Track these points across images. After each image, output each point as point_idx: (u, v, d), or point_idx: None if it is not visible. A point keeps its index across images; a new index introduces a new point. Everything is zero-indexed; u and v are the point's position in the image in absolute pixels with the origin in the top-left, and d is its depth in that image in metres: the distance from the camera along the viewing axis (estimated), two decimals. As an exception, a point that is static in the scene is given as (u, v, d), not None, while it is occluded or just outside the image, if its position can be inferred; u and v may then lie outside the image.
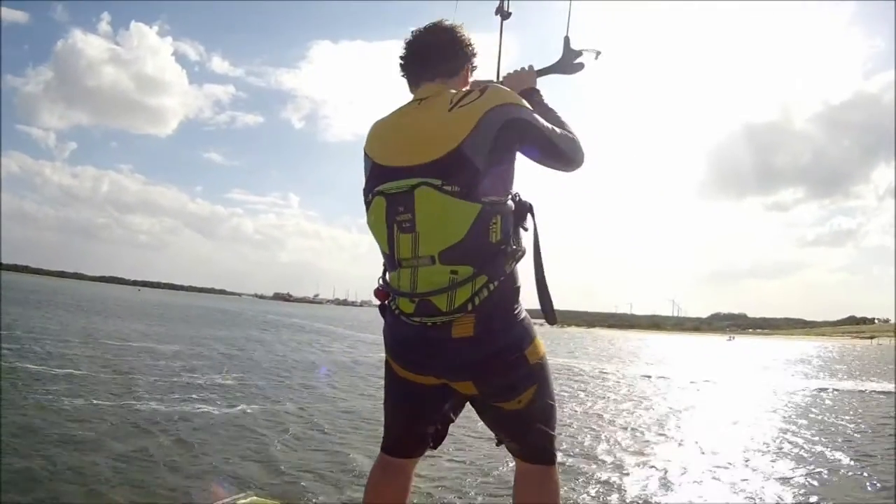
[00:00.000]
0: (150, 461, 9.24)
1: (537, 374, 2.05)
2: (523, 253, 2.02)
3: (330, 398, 17.09)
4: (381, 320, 2.20)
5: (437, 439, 2.33)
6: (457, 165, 1.84)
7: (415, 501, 8.52)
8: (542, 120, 2.03)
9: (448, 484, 8.81)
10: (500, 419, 2.15)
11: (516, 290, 1.99)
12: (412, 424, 2.27)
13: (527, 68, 2.38)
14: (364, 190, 1.99)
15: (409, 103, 2.12)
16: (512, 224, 1.94)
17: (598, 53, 2.51)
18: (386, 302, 2.07)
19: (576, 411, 17.09)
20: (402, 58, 2.16)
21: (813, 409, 18.86)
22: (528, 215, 2.00)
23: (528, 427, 2.07)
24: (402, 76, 2.17)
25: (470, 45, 2.15)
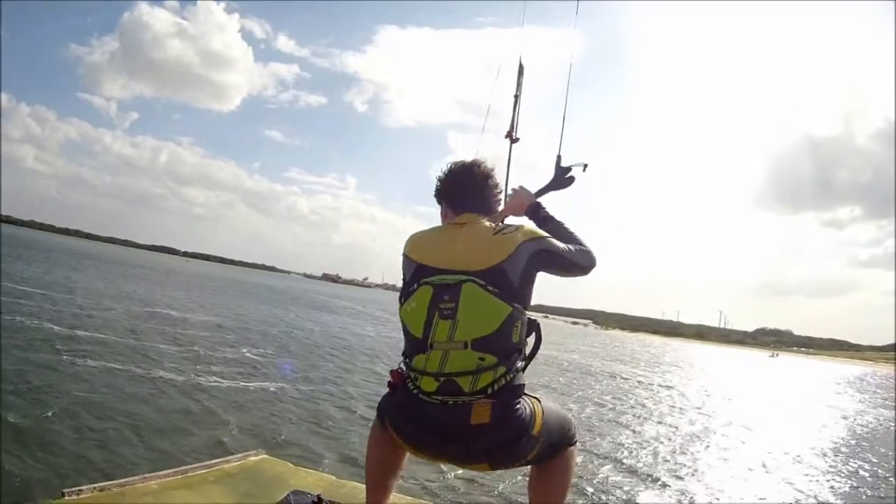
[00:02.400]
0: (164, 424, 9.85)
1: (541, 435, 2.31)
2: (527, 360, 2.40)
3: (349, 381, 17.55)
4: None
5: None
6: (497, 277, 2.23)
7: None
8: (559, 244, 2.44)
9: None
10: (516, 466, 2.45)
11: (523, 386, 2.29)
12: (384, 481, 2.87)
13: (518, 188, 2.85)
14: (407, 283, 2.36)
15: (450, 225, 2.53)
16: (525, 333, 2.34)
17: (585, 166, 2.89)
18: (403, 383, 2.34)
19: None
20: (445, 186, 2.62)
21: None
22: (535, 331, 2.45)
23: (543, 455, 2.39)
24: (440, 198, 2.65)
25: (499, 186, 2.66)
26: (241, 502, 3.43)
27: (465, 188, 2.56)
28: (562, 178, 2.90)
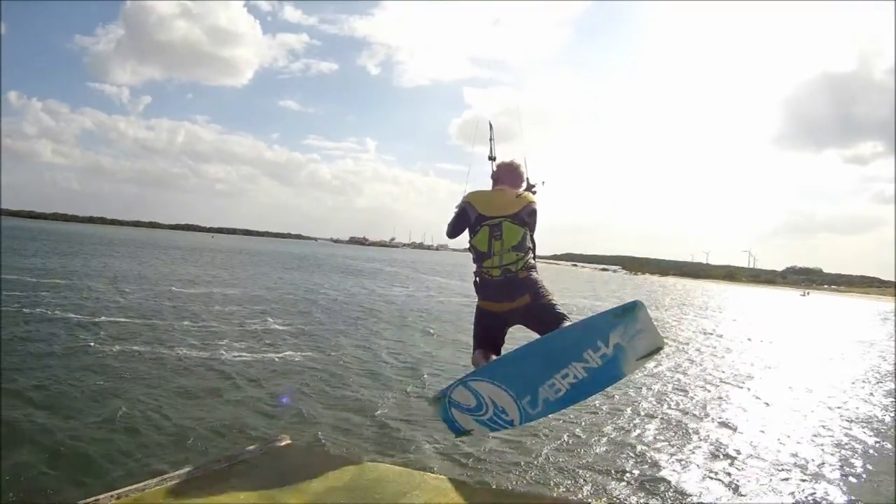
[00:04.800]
0: (188, 405, 10.11)
1: (549, 293, 4.16)
2: (534, 252, 4.25)
3: (374, 346, 17.63)
4: (446, 261, 46.76)
5: (499, 347, 4.24)
6: (517, 217, 4.10)
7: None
8: (538, 207, 4.27)
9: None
10: (543, 309, 4.06)
11: (535, 263, 4.23)
12: (489, 334, 4.25)
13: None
14: (472, 223, 4.16)
15: (496, 190, 4.41)
16: (531, 240, 4.20)
17: (544, 182, 4.64)
18: (480, 275, 4.17)
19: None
20: (498, 171, 4.55)
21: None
22: (532, 242, 4.22)
23: (552, 306, 4.09)
24: (494, 176, 4.58)
25: (524, 175, 4.53)
26: (263, 496, 3.38)
27: (506, 173, 4.52)
28: (531, 189, 4.57)
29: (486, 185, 4.56)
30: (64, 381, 10.78)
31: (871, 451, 10.68)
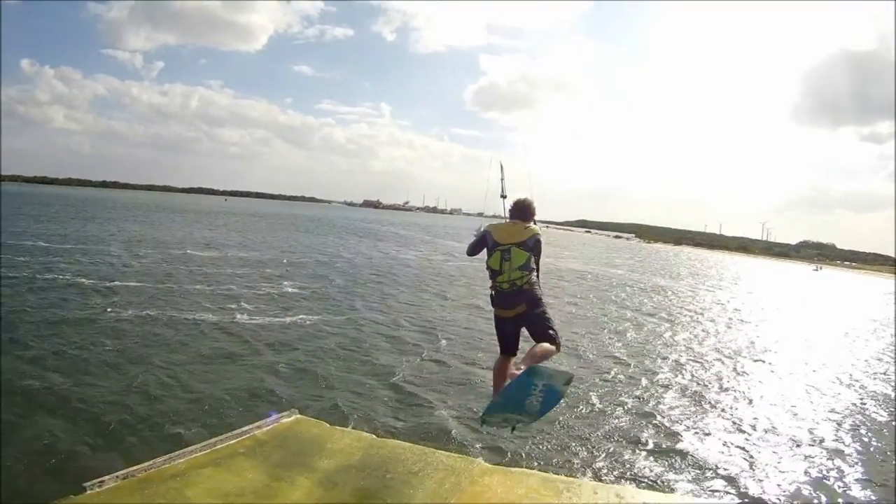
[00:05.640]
0: (203, 370, 10.12)
1: (545, 306, 5.03)
2: (538, 272, 5.17)
3: (383, 313, 17.62)
4: (460, 224, 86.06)
5: (516, 346, 5.18)
6: (523, 244, 5.00)
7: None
8: (542, 239, 5.22)
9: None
10: (536, 318, 4.92)
11: (538, 280, 5.09)
12: (507, 337, 5.18)
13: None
14: (489, 248, 5.12)
15: (509, 223, 5.31)
16: (536, 264, 5.11)
17: (505, 197, 6.14)
18: (494, 288, 5.11)
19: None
20: (513, 208, 5.39)
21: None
22: (537, 265, 5.16)
23: (545, 321, 4.93)
24: (509, 216, 5.44)
25: (534, 211, 5.44)
26: (271, 475, 3.30)
27: (517, 210, 5.39)
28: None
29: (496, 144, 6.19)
30: (80, 347, 10.88)
31: (885, 430, 10.53)
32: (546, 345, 4.88)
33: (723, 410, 10.52)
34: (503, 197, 6.07)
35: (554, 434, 8.44)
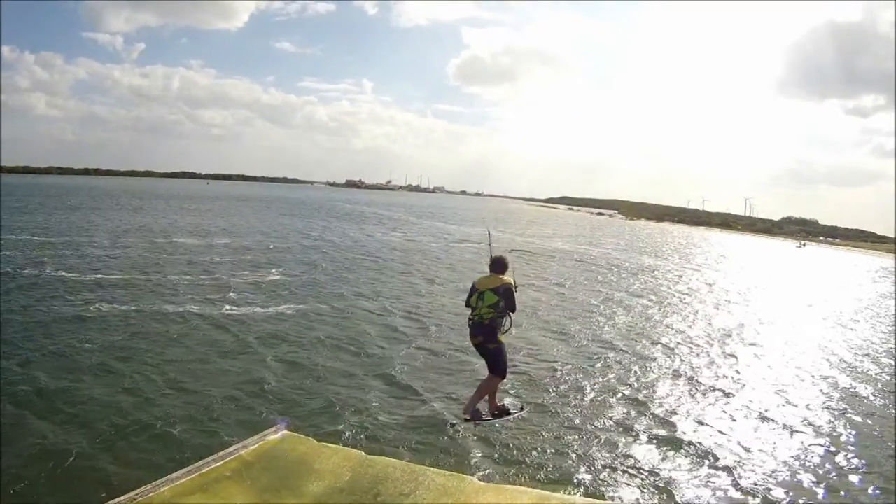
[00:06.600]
0: (194, 370, 10.00)
1: (500, 345, 6.43)
2: (503, 315, 6.46)
3: (364, 307, 17.59)
4: (443, 204, 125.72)
5: (491, 367, 6.55)
6: (496, 290, 6.38)
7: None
8: (513, 292, 6.56)
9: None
10: (488, 353, 6.42)
11: (501, 320, 6.38)
12: (484, 359, 6.60)
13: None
14: (471, 292, 6.55)
15: (489, 276, 6.57)
16: (505, 307, 6.43)
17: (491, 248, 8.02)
18: (471, 319, 6.50)
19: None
20: (492, 262, 6.68)
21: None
22: (509, 309, 6.48)
23: (497, 358, 6.44)
24: (489, 269, 6.70)
25: (507, 265, 6.74)
26: (259, 500, 3.28)
27: (495, 264, 6.61)
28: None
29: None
30: (69, 346, 10.86)
31: (876, 413, 10.73)
32: (488, 381, 6.47)
33: (715, 399, 10.65)
34: (490, 256, 7.05)
35: (547, 439, 8.46)
